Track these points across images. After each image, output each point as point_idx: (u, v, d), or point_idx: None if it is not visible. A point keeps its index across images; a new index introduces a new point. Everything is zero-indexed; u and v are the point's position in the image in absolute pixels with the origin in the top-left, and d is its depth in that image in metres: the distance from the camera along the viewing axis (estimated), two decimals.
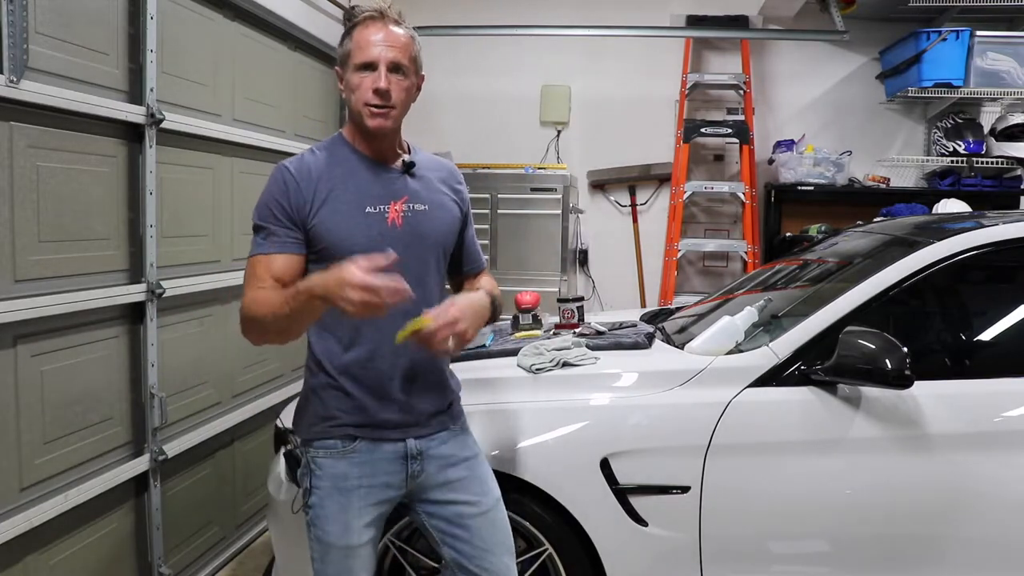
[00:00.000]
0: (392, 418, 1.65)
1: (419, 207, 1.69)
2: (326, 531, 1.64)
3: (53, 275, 2.13)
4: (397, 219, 1.66)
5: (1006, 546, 2.02)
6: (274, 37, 3.36)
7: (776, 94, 5.06)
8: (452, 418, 1.75)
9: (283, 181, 1.63)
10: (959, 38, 4.33)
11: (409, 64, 1.64)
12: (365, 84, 1.61)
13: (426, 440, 1.69)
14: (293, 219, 1.61)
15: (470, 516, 1.70)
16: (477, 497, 1.72)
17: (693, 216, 5.14)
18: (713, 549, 2.06)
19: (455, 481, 1.71)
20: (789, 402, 2.07)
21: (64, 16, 2.13)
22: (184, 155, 2.70)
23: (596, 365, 2.30)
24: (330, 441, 1.65)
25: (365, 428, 1.65)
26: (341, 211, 1.62)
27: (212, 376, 2.91)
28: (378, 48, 1.60)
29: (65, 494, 2.16)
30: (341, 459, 1.64)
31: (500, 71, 5.08)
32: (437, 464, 1.69)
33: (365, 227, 1.62)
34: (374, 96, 1.60)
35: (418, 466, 1.67)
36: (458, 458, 1.72)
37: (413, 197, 1.69)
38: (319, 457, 1.66)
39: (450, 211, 1.76)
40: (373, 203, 1.65)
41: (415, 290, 1.60)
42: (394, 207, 1.66)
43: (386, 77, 1.60)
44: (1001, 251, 2.18)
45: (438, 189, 1.76)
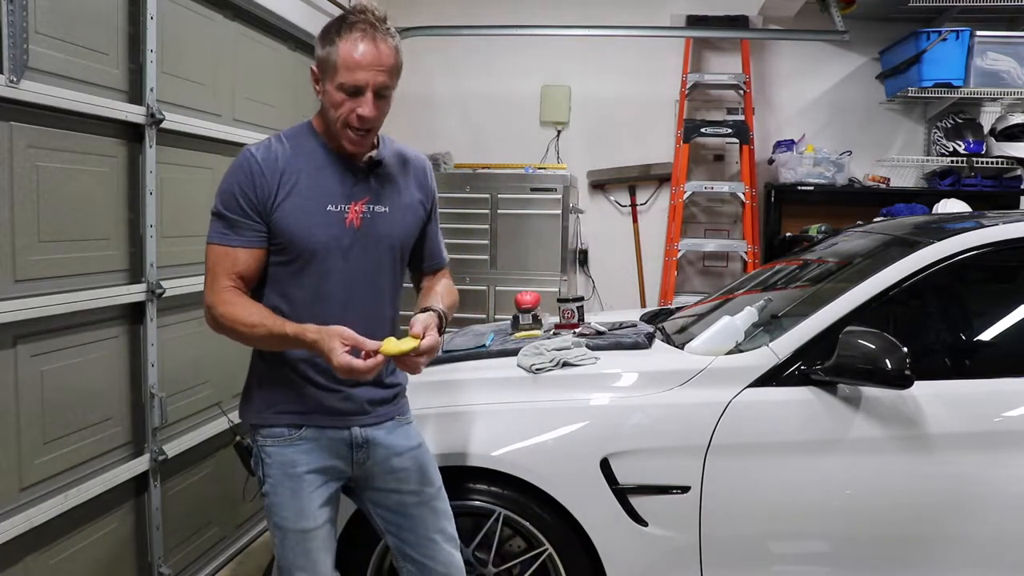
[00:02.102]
0: (336, 406, 1.68)
1: (379, 209, 1.70)
2: (282, 516, 1.67)
3: (53, 275, 2.13)
4: (355, 220, 1.66)
5: (1006, 546, 2.01)
6: (274, 37, 3.36)
7: (776, 94, 5.06)
8: (397, 408, 1.79)
9: (249, 171, 1.62)
10: (959, 38, 4.33)
11: (394, 83, 1.63)
12: (348, 106, 1.59)
13: (371, 429, 1.72)
14: (258, 210, 1.61)
15: (413, 505, 1.75)
16: (420, 487, 1.76)
17: (693, 216, 5.14)
18: (713, 549, 2.06)
19: (399, 471, 1.74)
20: (789, 402, 2.07)
21: (64, 16, 2.13)
22: (184, 155, 2.70)
23: (596, 365, 2.30)
24: (276, 429, 1.68)
25: (310, 415, 1.68)
26: (303, 207, 1.62)
27: (212, 376, 2.90)
28: (368, 73, 1.56)
29: (65, 494, 2.16)
30: (288, 446, 1.67)
31: (500, 71, 5.08)
32: (383, 453, 1.73)
33: (325, 226, 1.63)
34: (356, 120, 1.59)
35: (363, 454, 1.71)
36: (403, 447, 1.75)
37: (374, 198, 1.70)
38: (267, 446, 1.69)
39: (412, 212, 1.77)
40: (335, 201, 1.65)
41: (368, 291, 1.70)
42: (354, 207, 1.66)
43: (372, 105, 1.58)
44: (1001, 251, 2.17)
45: (403, 188, 1.76)
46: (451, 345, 2.65)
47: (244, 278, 1.63)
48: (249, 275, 1.64)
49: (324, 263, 1.64)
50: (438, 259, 1.91)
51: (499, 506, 2.10)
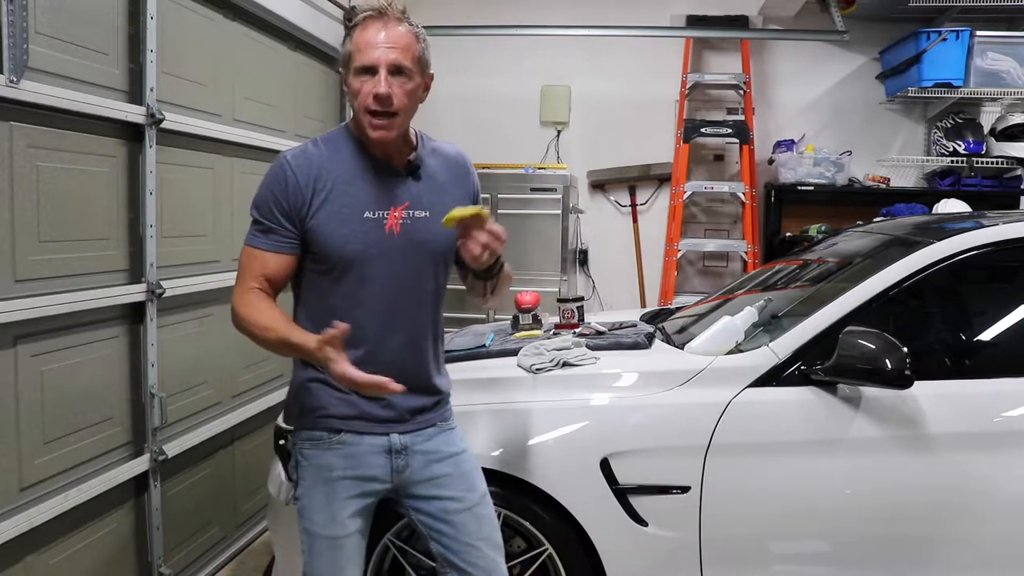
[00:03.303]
0: (377, 412, 1.65)
1: (420, 214, 1.65)
2: (312, 521, 1.66)
3: (53, 275, 2.13)
4: (395, 226, 1.62)
5: (1006, 546, 2.01)
6: (274, 37, 3.36)
7: (776, 94, 5.06)
8: (439, 415, 1.75)
9: (283, 178, 1.60)
10: (959, 38, 4.33)
11: (412, 65, 1.57)
12: (365, 89, 1.55)
13: (411, 435, 1.69)
14: (291, 218, 1.59)
15: (455, 512, 1.70)
16: (462, 493, 1.72)
17: (693, 216, 5.14)
18: (713, 549, 2.06)
19: (440, 477, 1.71)
20: (789, 402, 2.07)
21: (64, 16, 2.13)
22: (184, 155, 2.70)
23: (596, 365, 2.30)
24: (316, 432, 1.66)
25: (349, 420, 1.65)
26: (339, 214, 1.59)
27: (212, 376, 2.91)
28: (378, 51, 1.54)
29: (65, 494, 2.16)
30: (326, 450, 1.65)
31: (500, 71, 5.08)
32: (422, 459, 1.69)
33: (362, 234, 1.60)
34: (374, 102, 1.54)
35: (403, 460, 1.67)
36: (444, 454, 1.72)
37: (415, 203, 1.65)
38: (305, 448, 1.68)
39: None
40: (372, 208, 1.61)
41: (410, 298, 1.65)
42: (393, 213, 1.62)
43: (387, 81, 1.53)
44: (1001, 251, 2.17)
45: (444, 190, 1.70)
46: (451, 345, 2.65)
47: (271, 281, 1.62)
48: (277, 279, 1.62)
49: (362, 271, 1.61)
50: None
51: (499, 506, 2.09)
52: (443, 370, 1.80)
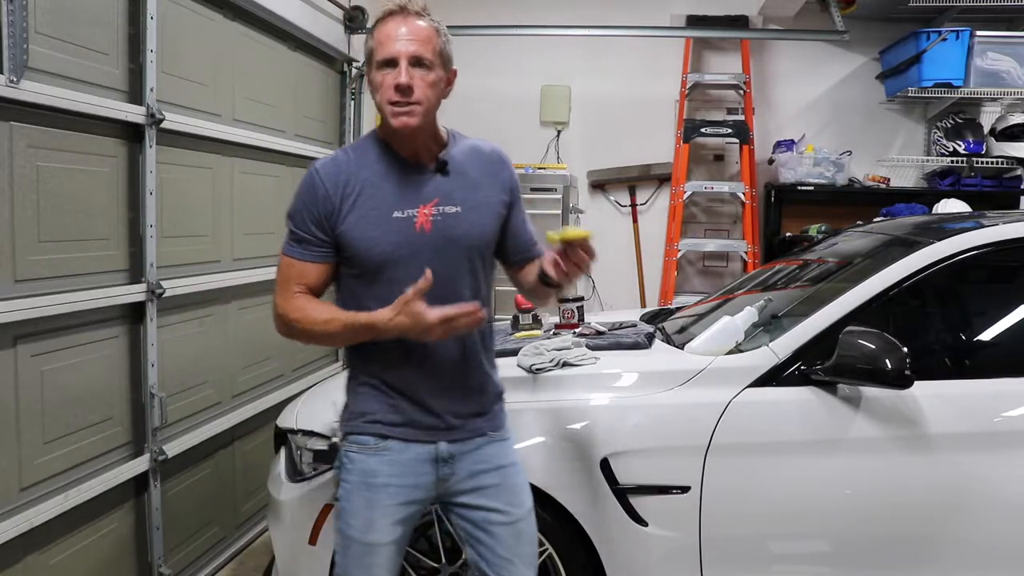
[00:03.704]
0: (425, 420, 1.64)
1: (450, 209, 1.62)
2: (349, 524, 1.63)
3: (53, 275, 2.13)
4: (426, 224, 1.60)
5: (1006, 546, 2.01)
6: (274, 37, 3.36)
7: (776, 94, 5.06)
8: (491, 424, 1.71)
9: (313, 187, 1.61)
10: (959, 38, 4.33)
11: (433, 57, 1.57)
12: (387, 81, 1.55)
13: (459, 444, 1.66)
14: (323, 226, 1.59)
15: (497, 524, 1.67)
16: (507, 507, 1.68)
17: (693, 216, 5.14)
18: (713, 549, 2.06)
19: (486, 488, 1.67)
20: (789, 402, 2.07)
21: (64, 16, 2.13)
22: (184, 155, 2.70)
23: (596, 365, 2.30)
24: (363, 437, 1.65)
25: (397, 427, 1.63)
26: (368, 217, 1.59)
27: (212, 376, 2.91)
28: (398, 43, 1.54)
29: (65, 494, 2.16)
30: (372, 455, 1.64)
31: (500, 71, 5.08)
32: (468, 469, 1.66)
33: (392, 234, 1.58)
34: (395, 93, 1.54)
35: (448, 469, 1.65)
36: (492, 464, 1.68)
37: (445, 199, 1.62)
38: (351, 451, 1.66)
39: (489, 209, 1.68)
40: (402, 207, 1.60)
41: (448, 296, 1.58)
42: (423, 211, 1.60)
43: (407, 72, 1.53)
44: (1001, 251, 2.18)
45: (477, 184, 1.67)
46: None
47: (311, 288, 1.63)
48: (315, 287, 1.63)
49: (395, 271, 1.58)
50: (529, 251, 1.77)
51: None
52: (495, 374, 1.76)
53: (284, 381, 3.47)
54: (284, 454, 2.35)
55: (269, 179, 3.32)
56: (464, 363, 1.66)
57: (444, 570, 2.16)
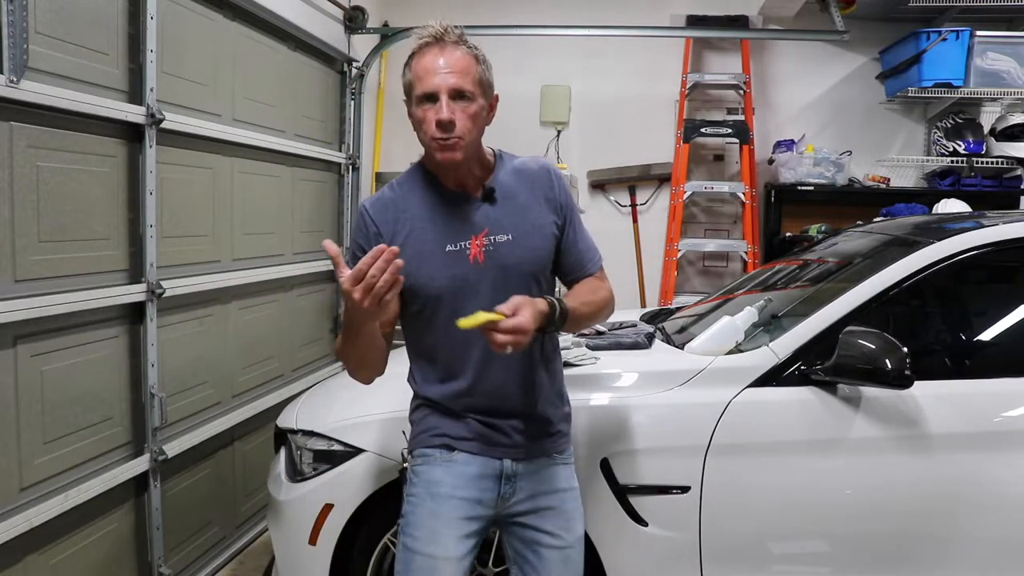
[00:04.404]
0: (493, 436, 1.64)
1: (501, 238, 1.60)
2: (413, 536, 1.61)
3: (53, 275, 2.13)
4: (479, 255, 1.59)
5: (1006, 546, 2.01)
6: (274, 37, 3.36)
7: (776, 94, 5.06)
8: (555, 445, 1.70)
9: (364, 226, 1.62)
10: (959, 38, 4.33)
11: (474, 88, 1.55)
12: (428, 117, 1.52)
13: (525, 463, 1.66)
14: None
15: (547, 547, 1.66)
16: (559, 531, 1.67)
17: (693, 216, 5.14)
18: (713, 549, 2.06)
19: (543, 510, 1.67)
20: (789, 402, 2.07)
21: (64, 16, 2.13)
22: (184, 155, 2.70)
23: (596, 365, 2.30)
24: (428, 450, 1.65)
25: (465, 441, 1.63)
26: (421, 252, 1.58)
27: (212, 376, 2.91)
28: (438, 76, 1.52)
29: (65, 494, 2.16)
30: (437, 466, 1.63)
31: (500, 71, 4.98)
32: (530, 489, 1.66)
33: (446, 267, 1.58)
34: (438, 130, 1.51)
35: (510, 487, 1.64)
36: (551, 488, 1.68)
37: (495, 228, 1.60)
38: (417, 465, 1.66)
39: (541, 232, 1.65)
40: (453, 240, 1.59)
41: None
42: (475, 242, 1.59)
43: (448, 107, 1.51)
44: (1001, 251, 2.18)
45: (526, 208, 1.65)
46: None
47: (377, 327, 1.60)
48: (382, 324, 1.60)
49: (453, 304, 1.57)
50: (581, 270, 1.75)
51: None
52: (562, 399, 1.75)
53: (284, 381, 3.47)
54: (284, 454, 2.35)
55: (269, 179, 3.32)
56: (520, 388, 1.65)
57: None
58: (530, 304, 1.46)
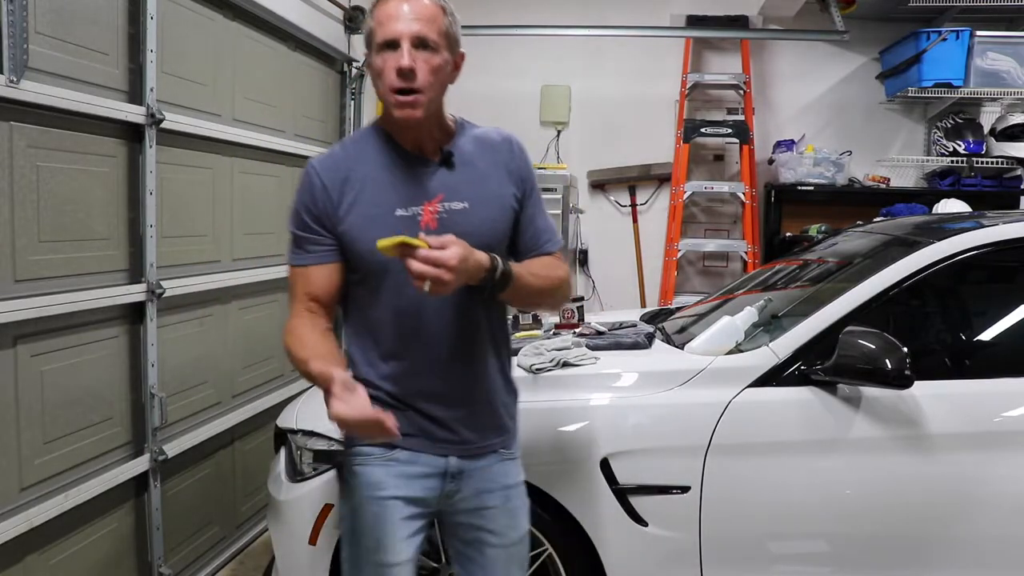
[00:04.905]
0: (437, 432, 1.54)
1: (457, 205, 1.50)
2: (359, 544, 1.54)
3: (53, 275, 2.13)
4: (432, 221, 1.47)
5: (1006, 546, 2.02)
6: (274, 37, 3.36)
7: (776, 94, 5.06)
8: (501, 440, 1.61)
9: (310, 184, 1.51)
10: (959, 38, 4.33)
11: (438, 38, 1.45)
12: (389, 65, 1.42)
13: (470, 460, 1.56)
14: (324, 224, 1.49)
15: (490, 546, 1.59)
16: (504, 530, 1.60)
17: (693, 216, 5.14)
18: (713, 549, 2.06)
19: (487, 508, 1.59)
20: (789, 402, 2.07)
21: (64, 16, 2.13)
22: (184, 155, 2.70)
23: (596, 365, 2.30)
24: (367, 447, 1.54)
25: (407, 437, 1.50)
26: (369, 215, 1.48)
27: (212, 376, 2.91)
28: (400, 22, 1.42)
29: (65, 494, 2.16)
30: (377, 466, 1.54)
31: (500, 71, 5.08)
32: (474, 487, 1.57)
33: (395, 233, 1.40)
34: (398, 78, 1.41)
35: (454, 485, 1.56)
36: (497, 485, 1.59)
37: (450, 194, 1.50)
38: (355, 464, 1.56)
39: (499, 203, 1.55)
40: (405, 204, 1.48)
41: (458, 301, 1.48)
42: (428, 208, 1.48)
43: (409, 54, 1.41)
44: (1001, 251, 2.18)
45: (485, 176, 1.55)
46: None
47: (320, 299, 1.51)
48: (324, 295, 1.52)
49: (399, 275, 1.42)
50: (537, 248, 1.61)
51: None
52: (511, 387, 1.66)
53: (284, 381, 3.47)
54: (284, 454, 2.35)
55: (269, 179, 3.32)
56: (471, 371, 1.56)
57: (444, 570, 2.16)
58: (462, 246, 1.33)
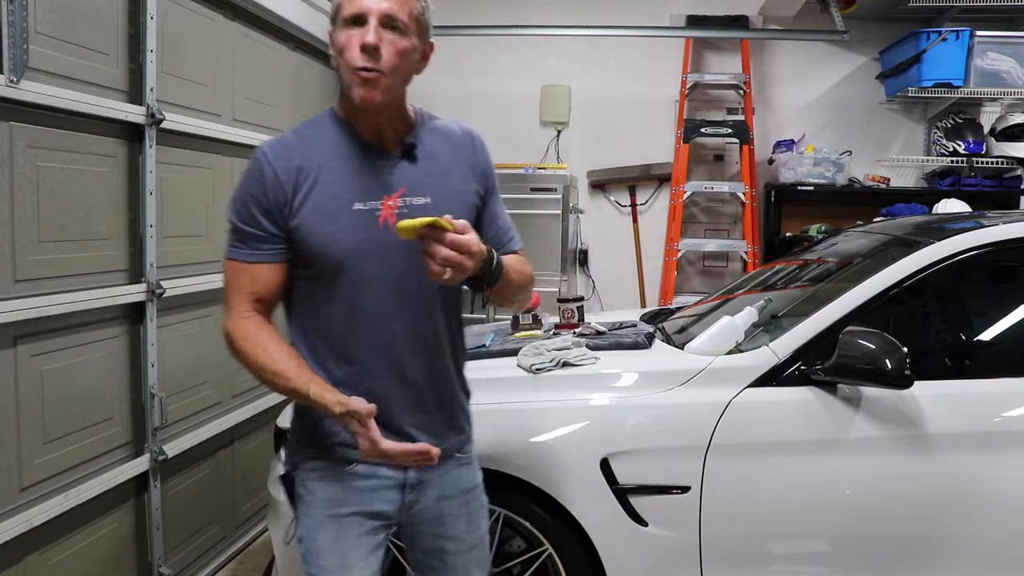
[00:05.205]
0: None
1: (418, 201, 1.43)
2: (321, 567, 1.45)
3: (53, 275, 2.13)
4: (391, 217, 1.39)
5: (1006, 546, 2.01)
6: (274, 37, 3.36)
7: (776, 94, 5.06)
8: (459, 445, 1.56)
9: (260, 174, 1.40)
10: (959, 38, 4.33)
11: (408, 21, 1.36)
12: (353, 42, 1.33)
13: (428, 469, 1.49)
14: (274, 219, 1.39)
15: (451, 553, 1.57)
16: (464, 534, 1.57)
17: (693, 216, 5.14)
18: (713, 549, 2.06)
19: (446, 516, 1.55)
20: (789, 402, 2.07)
21: (64, 16, 2.13)
22: (184, 155, 2.70)
23: (596, 365, 2.30)
24: (323, 462, 1.47)
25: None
26: (324, 209, 1.38)
27: (212, 376, 2.91)
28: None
29: (65, 494, 2.16)
30: (335, 483, 1.46)
31: (500, 71, 5.08)
32: (434, 495, 1.53)
33: (351, 230, 1.39)
34: (360, 56, 1.32)
35: (414, 496, 1.50)
36: (456, 490, 1.55)
37: (412, 188, 1.43)
38: (311, 480, 1.48)
39: (461, 200, 1.48)
40: (363, 198, 1.40)
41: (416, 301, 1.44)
42: (387, 203, 1.40)
43: (376, 31, 1.32)
44: (1001, 251, 2.18)
45: (448, 171, 1.48)
46: None
47: (264, 299, 1.43)
48: (270, 294, 1.43)
49: (356, 273, 1.39)
50: (501, 246, 1.56)
51: (499, 506, 2.10)
52: (466, 388, 1.60)
53: None
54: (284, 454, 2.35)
55: None
56: (427, 375, 1.49)
57: None
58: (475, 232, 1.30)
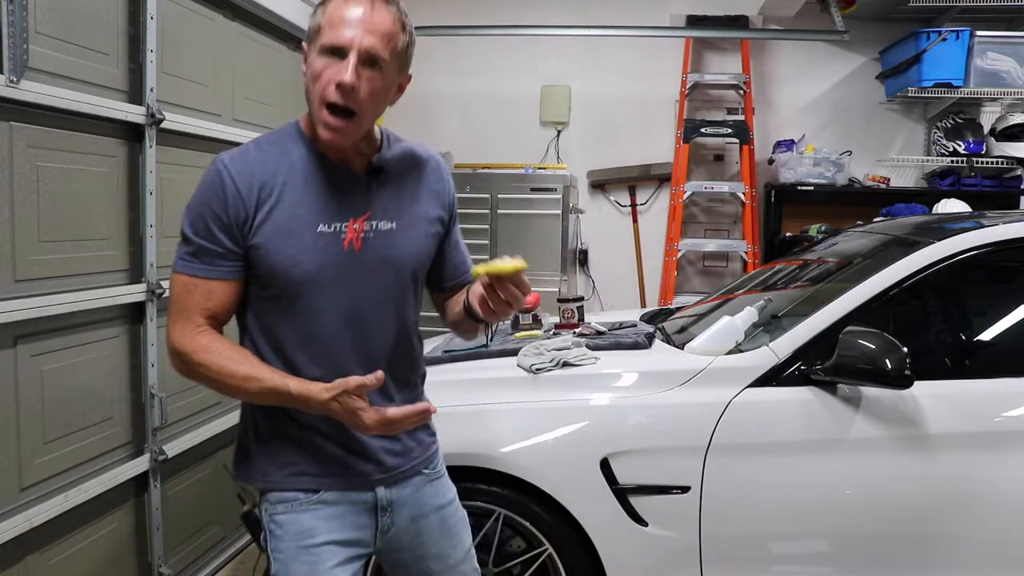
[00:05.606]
0: (359, 465, 1.42)
1: (384, 225, 1.39)
2: None
3: (53, 275, 2.13)
4: (355, 241, 1.36)
5: (1006, 546, 2.01)
6: (274, 37, 3.36)
7: (776, 94, 5.06)
8: (425, 460, 1.52)
9: (221, 186, 1.32)
10: (959, 38, 4.34)
11: (390, 58, 1.31)
12: (328, 74, 1.27)
13: (398, 488, 1.46)
14: (232, 235, 1.32)
15: (438, 572, 1.53)
16: (446, 551, 1.54)
17: (693, 216, 5.14)
18: (713, 549, 2.06)
19: (424, 534, 1.51)
20: (789, 402, 2.07)
21: (64, 16, 2.13)
22: (184, 155, 2.70)
23: (596, 365, 2.30)
24: (290, 494, 1.40)
25: (329, 477, 1.40)
26: (287, 229, 1.32)
27: None
28: (353, 31, 1.27)
29: (65, 494, 2.16)
30: (304, 513, 1.39)
31: (500, 71, 5.08)
32: (409, 515, 1.48)
33: (315, 252, 1.33)
34: (335, 92, 1.27)
35: (388, 519, 1.46)
36: (430, 507, 1.51)
37: (378, 212, 1.39)
38: (278, 514, 1.40)
39: (426, 226, 1.46)
40: (328, 220, 1.35)
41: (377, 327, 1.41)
42: (352, 226, 1.36)
43: (354, 71, 1.26)
44: (1001, 251, 2.18)
45: (414, 197, 1.45)
46: (451, 345, 2.65)
47: (218, 316, 1.36)
48: (223, 311, 1.37)
49: (317, 297, 1.35)
50: (462, 276, 1.57)
51: (499, 506, 2.10)
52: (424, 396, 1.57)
53: None
54: None
55: None
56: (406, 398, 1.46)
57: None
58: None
